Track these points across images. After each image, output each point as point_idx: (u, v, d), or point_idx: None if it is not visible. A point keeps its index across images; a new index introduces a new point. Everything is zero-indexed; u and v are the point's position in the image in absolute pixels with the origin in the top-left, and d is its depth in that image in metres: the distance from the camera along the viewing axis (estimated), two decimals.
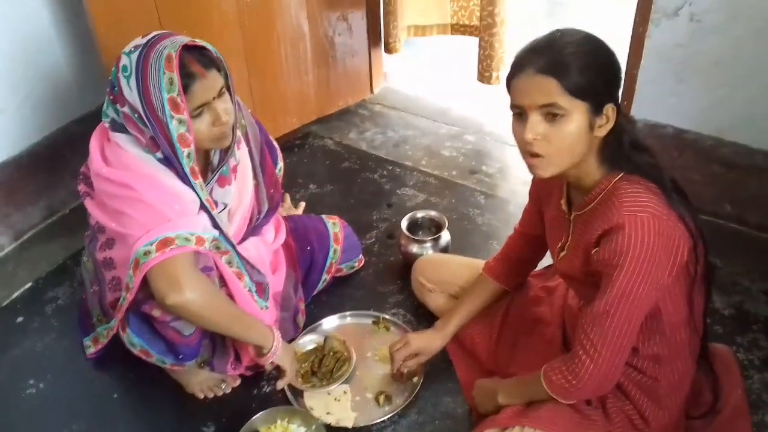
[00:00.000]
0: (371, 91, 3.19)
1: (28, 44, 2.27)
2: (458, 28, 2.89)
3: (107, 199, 1.48)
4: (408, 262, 2.06)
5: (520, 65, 1.24)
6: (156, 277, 1.41)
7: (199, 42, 1.43)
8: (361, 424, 1.67)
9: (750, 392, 1.69)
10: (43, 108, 2.39)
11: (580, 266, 1.37)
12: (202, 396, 1.77)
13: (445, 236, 2.10)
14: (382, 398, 1.72)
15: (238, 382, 1.80)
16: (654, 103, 2.25)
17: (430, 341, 1.71)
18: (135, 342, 1.58)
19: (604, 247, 1.25)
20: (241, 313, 1.60)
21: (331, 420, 1.67)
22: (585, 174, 1.32)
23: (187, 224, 1.45)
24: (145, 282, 1.44)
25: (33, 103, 2.34)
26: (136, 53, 1.40)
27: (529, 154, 1.27)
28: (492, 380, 1.65)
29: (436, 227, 2.14)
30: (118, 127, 1.47)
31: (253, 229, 1.75)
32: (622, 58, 2.22)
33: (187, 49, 1.40)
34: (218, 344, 1.69)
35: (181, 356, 1.61)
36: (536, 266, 1.78)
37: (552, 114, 1.21)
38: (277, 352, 1.63)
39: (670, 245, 1.22)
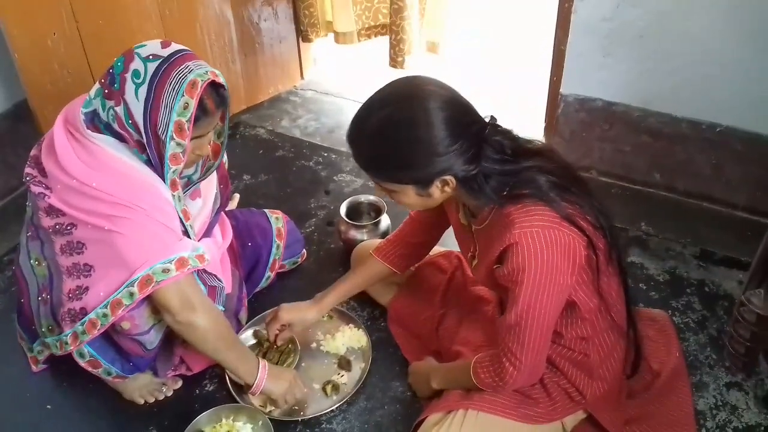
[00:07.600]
0: (301, 76, 3.12)
1: None
2: (365, 33, 2.83)
3: (98, 206, 1.39)
4: (348, 248, 2.03)
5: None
6: (170, 294, 1.41)
7: (221, 79, 1.40)
8: (310, 416, 1.63)
9: (687, 354, 1.75)
10: None
11: (486, 279, 1.40)
12: (142, 401, 1.70)
13: (385, 220, 2.08)
14: (329, 388, 1.69)
15: (179, 384, 1.74)
16: (583, 77, 2.29)
17: (302, 312, 1.72)
18: (84, 352, 1.52)
19: (504, 265, 1.27)
20: (238, 343, 1.62)
21: (277, 414, 1.64)
22: (467, 202, 1.36)
23: (189, 243, 1.46)
24: None
25: None
26: (156, 63, 1.33)
27: None
28: (425, 364, 1.66)
29: (375, 212, 2.11)
30: (96, 123, 1.40)
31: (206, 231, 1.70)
32: (551, 32, 2.27)
33: (211, 83, 1.37)
34: (160, 348, 1.63)
35: (131, 364, 1.58)
36: (429, 250, 1.79)
37: None
38: (262, 386, 1.60)
39: (565, 251, 1.24)
